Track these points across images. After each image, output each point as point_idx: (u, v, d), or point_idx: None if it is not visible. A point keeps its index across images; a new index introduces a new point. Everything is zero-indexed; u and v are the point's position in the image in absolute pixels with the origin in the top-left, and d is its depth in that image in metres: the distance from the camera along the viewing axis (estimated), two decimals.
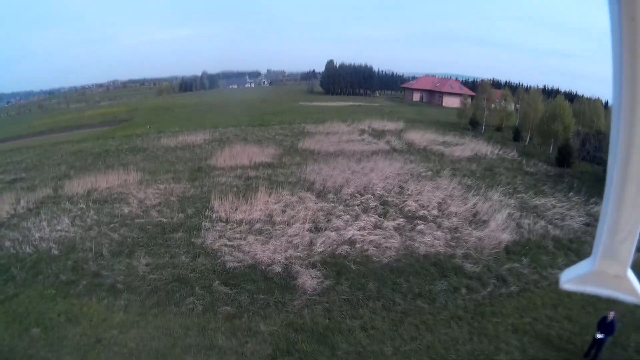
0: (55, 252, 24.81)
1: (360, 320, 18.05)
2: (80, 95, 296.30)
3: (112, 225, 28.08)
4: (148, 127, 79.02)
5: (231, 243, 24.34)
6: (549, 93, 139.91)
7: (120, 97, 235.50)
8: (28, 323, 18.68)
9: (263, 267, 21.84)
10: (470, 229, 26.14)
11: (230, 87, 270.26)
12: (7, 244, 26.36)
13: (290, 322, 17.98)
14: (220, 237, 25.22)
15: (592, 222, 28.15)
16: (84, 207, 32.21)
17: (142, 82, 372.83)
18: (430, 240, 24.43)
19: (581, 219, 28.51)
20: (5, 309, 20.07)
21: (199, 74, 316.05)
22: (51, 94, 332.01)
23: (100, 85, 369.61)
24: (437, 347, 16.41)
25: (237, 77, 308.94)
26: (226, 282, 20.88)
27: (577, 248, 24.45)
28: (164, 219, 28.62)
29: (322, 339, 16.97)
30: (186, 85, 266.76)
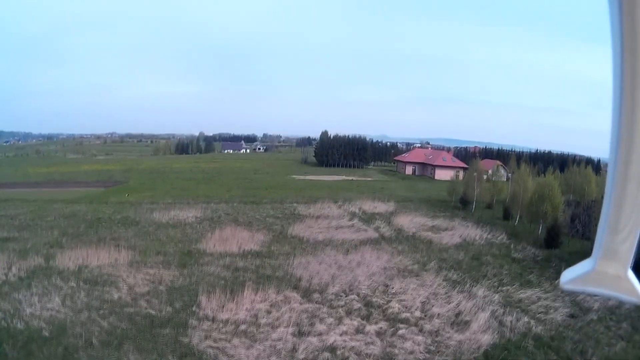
0: (46, 334, 25.00)
1: None
2: (78, 144, 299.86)
3: (101, 312, 28.27)
4: (127, 195, 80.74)
5: (216, 345, 24.42)
6: (542, 158, 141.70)
7: (116, 152, 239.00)
8: None
9: None
10: (451, 331, 26.36)
11: (226, 151, 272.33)
12: None
13: None
14: (206, 337, 25.31)
15: (576, 313, 28.97)
16: (74, 285, 32.53)
17: (139, 139, 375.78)
18: (410, 346, 24.57)
19: (566, 310, 29.20)
20: None
21: (196, 134, 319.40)
22: (49, 139, 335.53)
23: (98, 137, 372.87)
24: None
25: (233, 140, 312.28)
26: None
27: (557, 345, 24.87)
28: (152, 312, 28.76)
29: None
30: (182, 146, 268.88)
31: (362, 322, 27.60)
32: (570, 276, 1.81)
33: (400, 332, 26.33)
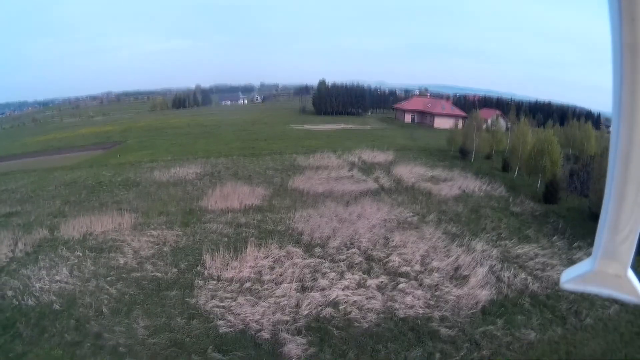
0: (57, 307, 25.34)
1: None
2: (74, 108, 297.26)
3: (109, 279, 28.62)
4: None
5: (222, 304, 24.93)
6: (542, 109, 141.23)
7: (113, 112, 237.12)
8: None
9: (252, 332, 22.51)
10: (450, 286, 26.72)
11: (223, 103, 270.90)
12: (9, 293, 27.06)
13: None
14: (212, 297, 25.81)
15: None
16: (80, 255, 32.77)
17: (135, 96, 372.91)
18: (410, 300, 25.04)
19: (562, 268, 27.76)
20: None
21: (192, 87, 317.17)
22: (45, 105, 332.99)
23: (94, 98, 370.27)
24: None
25: (230, 92, 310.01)
26: (219, 347, 21.47)
27: (552, 304, 25.07)
28: (159, 274, 29.15)
29: None
30: (179, 101, 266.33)
31: (363, 277, 28.09)
32: (571, 275, 1.88)
33: (400, 286, 26.79)
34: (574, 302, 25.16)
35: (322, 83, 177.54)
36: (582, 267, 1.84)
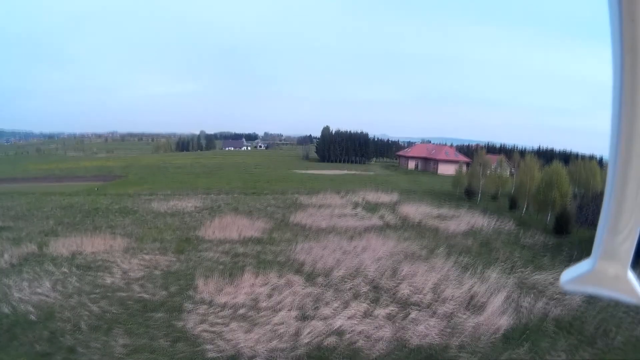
0: (33, 318, 24.21)
1: None
2: (79, 143, 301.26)
3: (92, 296, 27.36)
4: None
5: (213, 329, 23.17)
6: (545, 155, 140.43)
7: (117, 150, 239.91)
8: None
9: (245, 359, 20.50)
10: (467, 314, 24.95)
11: (227, 149, 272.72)
12: None
13: None
14: (202, 321, 24.11)
15: (593, 296, 27.61)
16: (67, 271, 31.76)
17: (140, 137, 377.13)
18: (423, 329, 23.05)
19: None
20: None
21: (197, 132, 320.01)
22: (50, 137, 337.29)
23: (99, 136, 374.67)
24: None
25: (234, 138, 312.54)
26: None
27: (579, 327, 23.80)
28: (146, 295, 27.70)
29: None
30: (183, 143, 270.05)
31: (370, 305, 26.14)
32: (570, 276, 1.77)
33: (412, 315, 24.80)
34: (601, 323, 24.00)
35: (326, 129, 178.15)
36: (581, 267, 1.77)
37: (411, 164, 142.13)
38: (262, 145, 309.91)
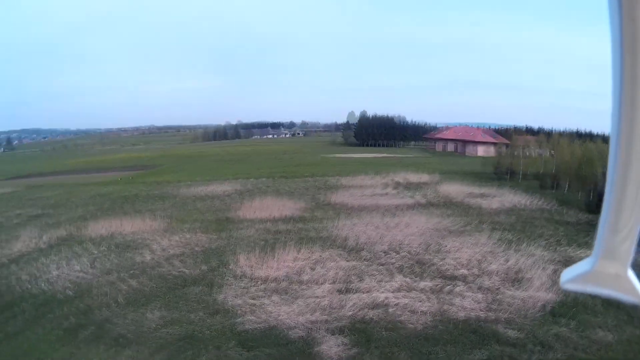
0: (70, 293, 24.55)
1: None
2: (116, 136, 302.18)
3: (131, 272, 27.50)
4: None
5: (253, 301, 22.93)
6: (582, 136, 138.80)
7: (153, 142, 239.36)
8: None
9: (285, 329, 20.22)
10: (512, 289, 24.20)
11: (266, 137, 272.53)
12: (24, 277, 27.05)
13: None
14: (242, 294, 23.88)
15: None
16: (105, 249, 32.11)
17: (177, 129, 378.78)
18: (469, 303, 22.48)
19: (635, 270, 26.92)
20: (8, 344, 19.80)
21: (228, 123, 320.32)
22: (87, 133, 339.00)
23: (136, 129, 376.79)
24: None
25: (273, 127, 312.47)
26: (243, 343, 19.31)
27: (628, 305, 22.41)
28: (186, 270, 27.72)
29: None
30: (221, 133, 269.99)
31: (414, 279, 25.61)
32: (571, 275, 1.78)
33: (457, 289, 24.23)
34: None
35: (363, 114, 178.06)
36: (582, 266, 1.77)
37: (450, 147, 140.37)
38: (300, 133, 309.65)
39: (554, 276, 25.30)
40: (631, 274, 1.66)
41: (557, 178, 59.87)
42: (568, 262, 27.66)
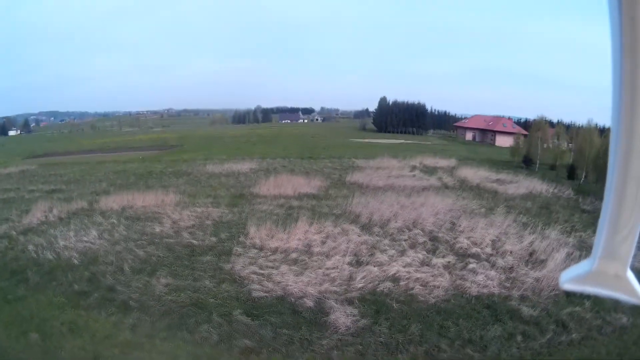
0: (76, 262, 24.55)
1: None
2: (134, 120, 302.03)
3: (139, 242, 27.49)
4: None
5: (262, 271, 22.70)
6: (602, 131, 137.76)
7: (173, 125, 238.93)
8: (29, 327, 17.92)
9: (293, 299, 19.99)
10: (526, 269, 23.80)
11: (284, 121, 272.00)
12: (31, 247, 26.84)
13: None
14: (251, 264, 23.69)
15: None
16: (115, 222, 32.06)
17: (196, 112, 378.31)
18: (483, 280, 22.13)
19: None
20: (10, 309, 19.92)
21: (253, 107, 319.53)
22: (105, 116, 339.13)
23: (155, 112, 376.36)
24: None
25: (291, 112, 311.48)
26: (249, 312, 19.09)
27: None
28: (195, 241, 27.62)
29: None
30: (239, 117, 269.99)
31: (427, 255, 25.30)
32: (570, 276, 1.74)
33: (470, 266, 23.85)
34: None
35: (383, 100, 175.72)
36: (581, 267, 1.73)
37: (468, 135, 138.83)
38: (319, 119, 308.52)
39: (569, 259, 24.89)
40: (631, 275, 1.61)
41: (574, 169, 59.51)
42: (583, 246, 27.68)
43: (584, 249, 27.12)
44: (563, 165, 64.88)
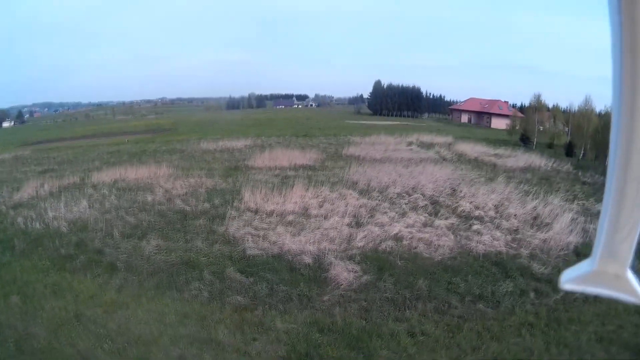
0: (64, 230, 24.05)
1: (406, 323, 14.67)
2: (128, 108, 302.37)
3: (130, 210, 26.99)
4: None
5: (257, 232, 21.96)
6: (599, 116, 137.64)
7: (167, 112, 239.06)
8: (10, 291, 17.31)
9: (290, 257, 19.18)
10: (532, 231, 23.15)
11: (278, 107, 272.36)
12: (20, 220, 26.22)
13: (315, 320, 14.78)
14: (245, 225, 22.99)
15: None
16: (106, 193, 31.65)
17: (190, 100, 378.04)
18: (489, 240, 21.37)
19: None
20: None
21: (246, 95, 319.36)
22: (99, 106, 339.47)
23: (149, 101, 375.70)
24: (507, 359, 13.07)
25: (285, 98, 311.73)
26: (243, 269, 18.33)
27: None
28: (187, 207, 27.09)
29: (356, 343, 13.59)
30: (234, 103, 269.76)
31: (429, 218, 24.60)
32: (571, 276, 1.67)
33: (474, 227, 23.15)
34: None
35: (378, 83, 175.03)
36: (581, 267, 1.67)
37: (464, 118, 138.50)
38: (313, 104, 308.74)
39: (574, 223, 24.15)
40: (631, 275, 1.54)
41: (572, 146, 59.25)
42: (587, 213, 27.07)
43: (588, 215, 26.41)
44: (560, 145, 64.73)
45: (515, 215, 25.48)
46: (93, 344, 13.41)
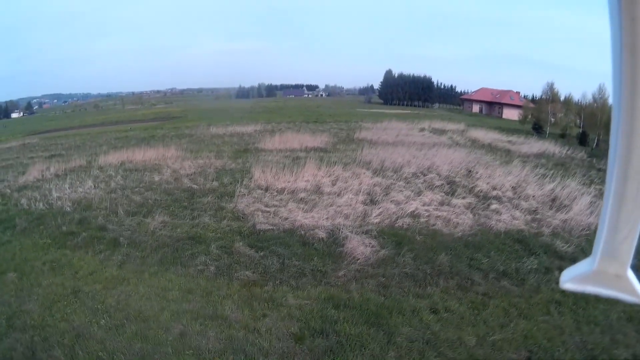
0: (68, 209, 23.42)
1: (428, 300, 13.88)
2: (137, 98, 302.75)
3: (136, 189, 26.53)
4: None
5: (267, 209, 21.31)
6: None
7: (177, 102, 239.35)
8: (7, 268, 16.70)
9: (302, 231, 18.50)
10: (551, 211, 22.55)
11: (288, 96, 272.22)
12: (23, 201, 25.77)
13: (330, 295, 13.95)
14: (255, 202, 22.40)
15: None
16: (112, 174, 31.15)
17: (199, 90, 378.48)
18: (508, 219, 20.74)
19: None
20: None
21: (256, 85, 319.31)
22: (108, 96, 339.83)
23: (158, 92, 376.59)
24: (537, 337, 12.24)
25: (295, 88, 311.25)
26: (252, 244, 17.54)
27: None
28: (195, 186, 26.53)
29: (375, 320, 12.70)
30: (244, 93, 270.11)
31: (446, 197, 24.02)
32: (570, 275, 1.65)
33: (493, 206, 22.53)
34: None
35: (389, 72, 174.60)
36: (582, 266, 1.65)
37: (475, 108, 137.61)
38: (324, 94, 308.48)
39: (593, 205, 23.45)
40: (631, 274, 1.51)
41: (586, 135, 59.01)
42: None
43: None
44: (573, 135, 64.29)
45: (533, 196, 24.91)
46: (89, 320, 12.73)
